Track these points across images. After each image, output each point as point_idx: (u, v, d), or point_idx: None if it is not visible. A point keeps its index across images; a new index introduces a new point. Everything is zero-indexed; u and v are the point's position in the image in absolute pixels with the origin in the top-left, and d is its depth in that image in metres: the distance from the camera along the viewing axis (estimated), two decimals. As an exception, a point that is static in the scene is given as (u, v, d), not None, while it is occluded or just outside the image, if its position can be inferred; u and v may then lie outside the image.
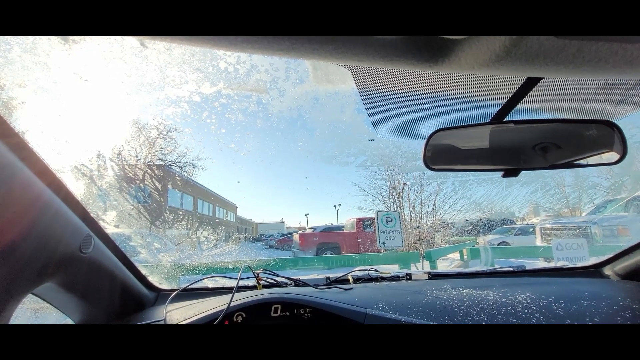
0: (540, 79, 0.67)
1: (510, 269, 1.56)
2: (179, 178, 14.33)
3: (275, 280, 1.36)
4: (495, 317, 0.94)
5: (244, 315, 1.05)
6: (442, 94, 0.77)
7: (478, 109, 0.80)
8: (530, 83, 0.69)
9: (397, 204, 11.61)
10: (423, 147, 0.79)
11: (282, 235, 18.83)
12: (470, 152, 0.85)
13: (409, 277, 1.45)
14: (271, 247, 18.02)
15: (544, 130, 0.83)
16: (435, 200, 11.37)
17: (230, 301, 1.02)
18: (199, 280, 1.34)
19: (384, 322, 0.95)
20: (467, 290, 1.13)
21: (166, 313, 1.06)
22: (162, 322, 1.02)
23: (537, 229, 8.51)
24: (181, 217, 15.34)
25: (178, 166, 14.06)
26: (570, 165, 0.84)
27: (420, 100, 0.77)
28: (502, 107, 0.73)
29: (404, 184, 11.71)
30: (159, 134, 12.74)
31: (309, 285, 1.29)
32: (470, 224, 12.74)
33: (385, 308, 1.01)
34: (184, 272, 4.02)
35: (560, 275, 1.47)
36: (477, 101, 0.79)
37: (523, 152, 0.82)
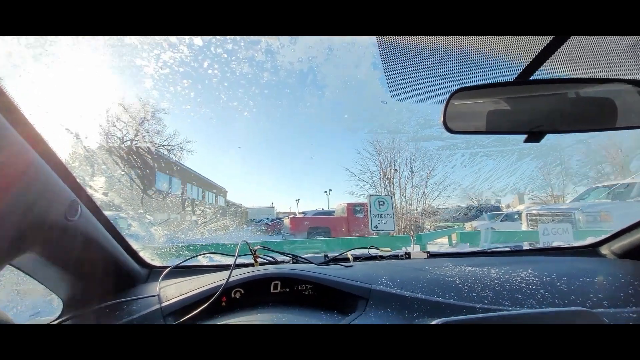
0: (567, 38, 0.63)
1: (508, 248, 1.56)
2: (166, 160, 14.01)
3: (273, 258, 1.31)
4: (501, 293, 0.92)
5: (242, 291, 1.01)
6: (464, 51, 0.70)
7: (501, 68, 0.74)
8: (556, 42, 0.64)
9: (388, 189, 11.70)
10: (443, 107, 0.73)
11: (272, 220, 18.78)
12: (492, 114, 0.79)
13: (407, 256, 1.44)
14: (262, 232, 17.99)
15: (570, 91, 0.78)
16: (425, 186, 11.52)
17: (229, 276, 0.97)
18: (193, 257, 1.28)
19: (389, 297, 0.93)
20: (469, 268, 1.11)
21: (160, 289, 1.00)
22: (155, 297, 0.96)
23: (524, 215, 8.73)
24: (169, 201, 15.07)
25: (167, 149, 13.77)
26: (598, 127, 0.80)
27: (441, 56, 0.70)
28: (527, 66, 0.68)
29: (395, 170, 11.80)
30: (145, 115, 12.37)
31: (309, 262, 1.25)
32: (457, 211, 13.01)
33: (389, 284, 0.98)
34: (172, 256, 3.94)
35: (558, 254, 1.47)
36: (500, 59, 0.73)
37: (549, 114, 0.77)
